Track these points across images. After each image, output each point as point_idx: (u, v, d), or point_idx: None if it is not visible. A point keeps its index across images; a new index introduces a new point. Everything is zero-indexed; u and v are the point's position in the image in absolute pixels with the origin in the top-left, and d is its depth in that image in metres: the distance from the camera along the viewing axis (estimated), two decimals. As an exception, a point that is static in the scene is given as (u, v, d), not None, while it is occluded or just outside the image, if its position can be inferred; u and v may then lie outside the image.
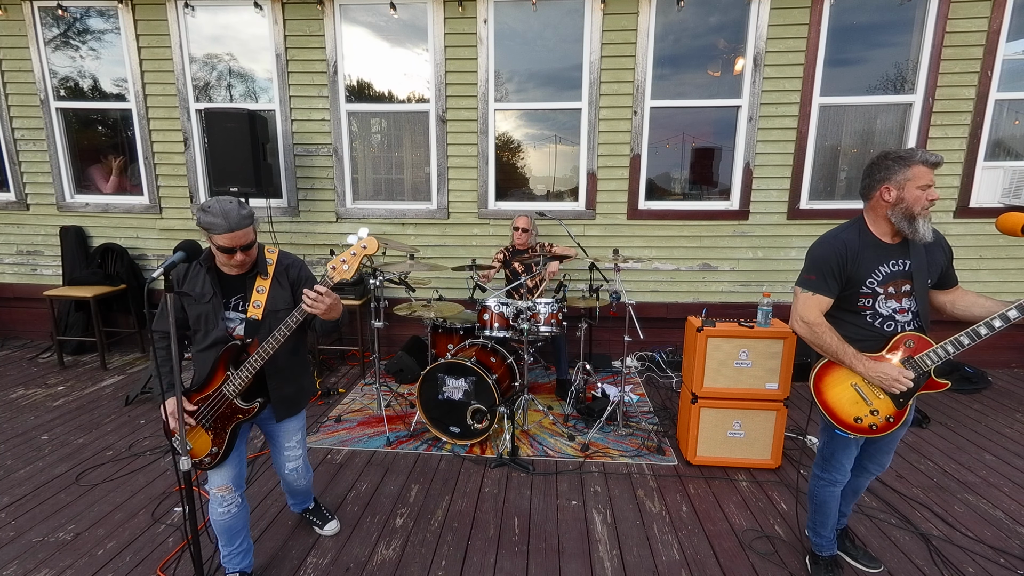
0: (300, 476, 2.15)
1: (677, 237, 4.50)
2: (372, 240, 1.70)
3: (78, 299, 4.54)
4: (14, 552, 2.23)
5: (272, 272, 1.87)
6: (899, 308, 1.82)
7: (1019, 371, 4.42)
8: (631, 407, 3.64)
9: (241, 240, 1.71)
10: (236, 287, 1.84)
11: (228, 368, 1.79)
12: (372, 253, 1.70)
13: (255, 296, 1.82)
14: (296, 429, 2.06)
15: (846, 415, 1.86)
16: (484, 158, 4.47)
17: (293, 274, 1.91)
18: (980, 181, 4.26)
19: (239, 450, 1.92)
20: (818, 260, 1.86)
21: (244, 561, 2.01)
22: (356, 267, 1.70)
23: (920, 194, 1.71)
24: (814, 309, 1.87)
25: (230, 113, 3.98)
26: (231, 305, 1.84)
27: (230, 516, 1.90)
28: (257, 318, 1.81)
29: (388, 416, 3.49)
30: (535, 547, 2.29)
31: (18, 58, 4.60)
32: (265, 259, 1.88)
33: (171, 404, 1.75)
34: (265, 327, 1.82)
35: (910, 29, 4.13)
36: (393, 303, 3.86)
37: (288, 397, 1.97)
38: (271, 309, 1.83)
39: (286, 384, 1.95)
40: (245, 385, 1.80)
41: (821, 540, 2.11)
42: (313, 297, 1.67)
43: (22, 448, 3.10)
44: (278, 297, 1.86)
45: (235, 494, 1.91)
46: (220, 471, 1.88)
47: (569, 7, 4.24)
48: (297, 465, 2.11)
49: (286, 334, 1.73)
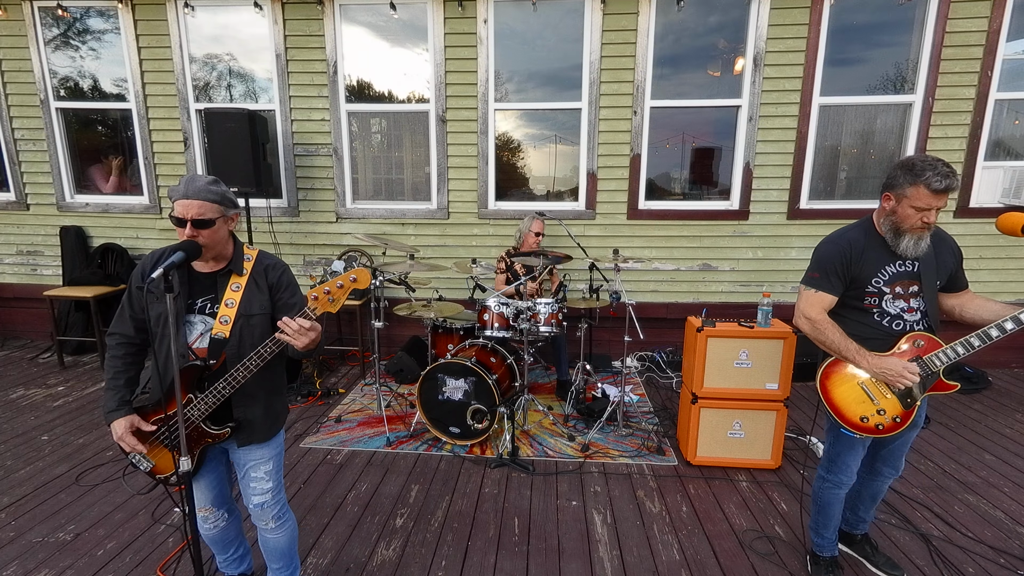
0: (268, 517, 1.76)
1: (677, 237, 4.50)
2: (364, 272, 1.52)
3: (78, 299, 4.54)
4: (14, 552, 2.23)
5: (249, 271, 1.65)
6: (907, 308, 1.81)
7: (1019, 371, 4.42)
8: (631, 407, 3.64)
9: (193, 211, 1.48)
10: (206, 286, 1.62)
11: (190, 390, 1.58)
12: (362, 288, 1.52)
13: (228, 295, 1.61)
14: (265, 458, 1.73)
15: (852, 414, 1.86)
16: (484, 158, 4.47)
17: (273, 277, 1.68)
18: (980, 181, 4.26)
19: (216, 471, 1.76)
20: (822, 258, 1.87)
21: (242, 566, 1.98)
22: (343, 301, 1.52)
23: (912, 213, 1.70)
24: (817, 306, 1.88)
25: (230, 113, 3.98)
26: (197, 307, 1.61)
27: (218, 531, 1.82)
28: (223, 335, 1.59)
29: (388, 416, 3.49)
30: (535, 547, 2.29)
31: (18, 58, 4.60)
32: (243, 255, 1.66)
33: (119, 426, 1.58)
34: (234, 339, 1.60)
35: (910, 29, 4.13)
36: (393, 303, 3.86)
37: (255, 420, 1.68)
38: (244, 312, 1.61)
39: (253, 404, 1.68)
40: (211, 410, 1.60)
41: (823, 541, 2.10)
42: (295, 329, 1.46)
43: (22, 448, 3.10)
44: (253, 299, 1.63)
45: (219, 512, 1.79)
46: (197, 492, 1.71)
47: (569, 7, 4.24)
48: (264, 501, 1.74)
49: (258, 364, 1.54)
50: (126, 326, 1.64)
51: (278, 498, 1.78)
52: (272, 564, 1.89)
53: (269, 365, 1.60)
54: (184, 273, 1.59)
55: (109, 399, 1.62)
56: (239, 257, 1.66)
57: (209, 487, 1.75)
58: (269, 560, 1.89)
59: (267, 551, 1.86)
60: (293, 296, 1.70)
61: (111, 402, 1.62)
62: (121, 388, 1.63)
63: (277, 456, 1.78)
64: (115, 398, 1.62)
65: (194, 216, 1.49)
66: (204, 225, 1.51)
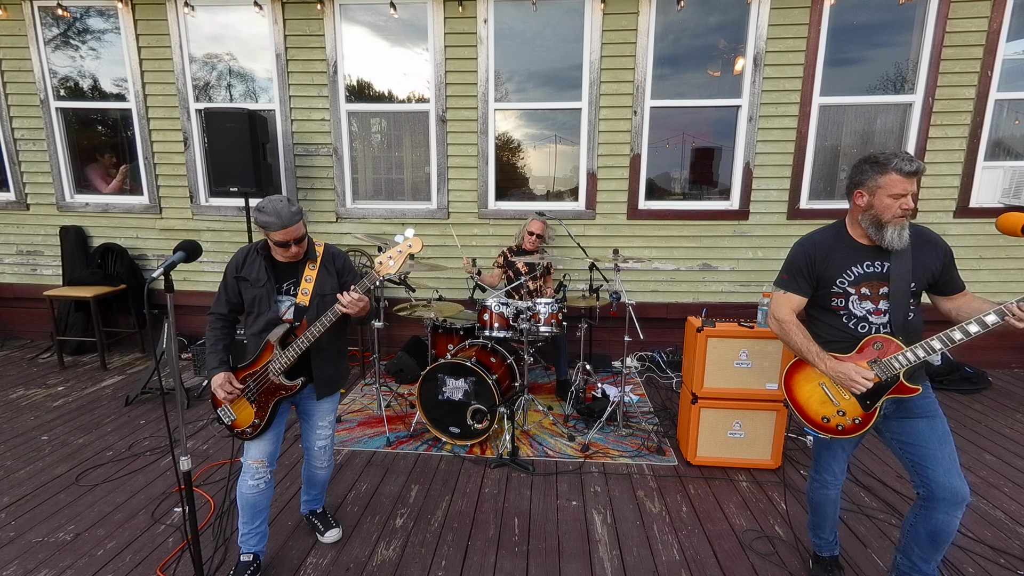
0: (325, 457, 2.23)
1: (677, 237, 4.50)
2: (417, 240, 1.87)
3: (78, 299, 4.54)
4: (14, 552, 2.23)
5: (320, 259, 2.06)
6: (874, 310, 1.78)
7: (1019, 371, 4.42)
8: (631, 407, 3.64)
9: (294, 234, 1.90)
10: (288, 273, 2.03)
11: (276, 348, 1.95)
12: (416, 252, 1.88)
13: (306, 273, 2.02)
14: (330, 410, 2.19)
15: (814, 414, 1.86)
16: (484, 158, 4.47)
17: (339, 263, 2.13)
18: (980, 181, 4.26)
19: (277, 428, 2.06)
20: (789, 260, 1.89)
21: (260, 544, 2.10)
22: (400, 264, 1.87)
23: (891, 202, 1.67)
24: (785, 307, 1.89)
25: (230, 113, 3.98)
26: (283, 290, 2.02)
27: (258, 492, 2.01)
28: (304, 304, 1.99)
29: (388, 416, 3.49)
30: (535, 547, 2.29)
31: (18, 58, 4.60)
32: (314, 246, 2.07)
33: (217, 379, 1.96)
34: (312, 310, 1.99)
35: (910, 29, 4.13)
36: (393, 303, 3.86)
37: (328, 377, 2.12)
38: (319, 292, 2.02)
39: (327, 364, 2.10)
40: (290, 364, 1.95)
41: (820, 541, 2.10)
42: (348, 300, 1.85)
43: (22, 448, 3.09)
44: (325, 282, 2.05)
45: (267, 469, 2.03)
46: (257, 444, 2.02)
47: (569, 7, 4.24)
48: (326, 444, 2.21)
49: (326, 325, 1.89)
50: (222, 307, 2.04)
51: (332, 442, 2.26)
52: (312, 492, 2.36)
53: (336, 332, 2.05)
54: (269, 264, 1.99)
55: (211, 360, 2.00)
56: (312, 248, 2.06)
57: (269, 440, 2.03)
58: (313, 489, 2.35)
59: (314, 483, 2.32)
60: (355, 278, 2.12)
61: (212, 361, 2.00)
62: (220, 352, 2.01)
63: (335, 410, 2.25)
64: (216, 359, 2.00)
65: (295, 237, 1.90)
66: (302, 240, 1.96)
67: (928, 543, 1.75)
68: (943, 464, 1.70)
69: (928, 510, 1.73)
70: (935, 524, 1.71)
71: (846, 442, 1.92)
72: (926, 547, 1.76)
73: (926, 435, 1.76)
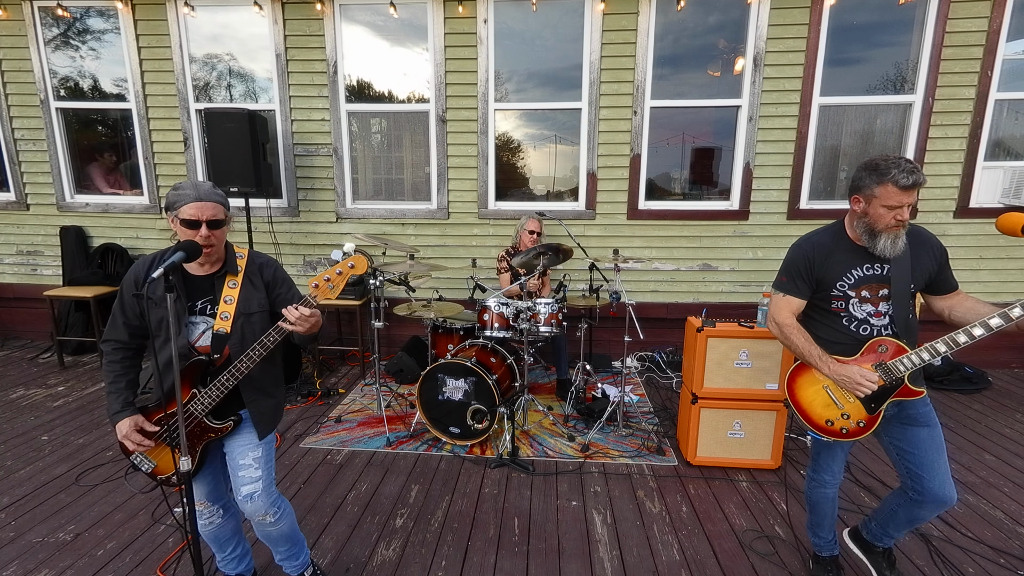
0: (262, 507, 1.71)
1: (677, 237, 4.50)
2: (361, 259, 1.57)
3: (78, 299, 4.54)
4: (14, 552, 2.23)
5: (244, 269, 1.69)
6: (875, 312, 1.78)
7: (1019, 371, 4.42)
8: (631, 407, 3.64)
9: (209, 212, 1.54)
10: (204, 289, 1.65)
11: (194, 386, 1.62)
12: (360, 273, 1.57)
13: (226, 292, 1.65)
14: (253, 444, 1.73)
15: (817, 417, 1.85)
16: (484, 158, 4.47)
17: (268, 274, 1.74)
18: (980, 181, 4.26)
19: (212, 466, 1.78)
20: (788, 262, 1.88)
21: (240, 566, 1.97)
22: (342, 287, 1.57)
23: (885, 213, 1.66)
24: (784, 310, 1.88)
25: (230, 113, 3.98)
26: (197, 308, 1.65)
27: (215, 527, 1.83)
28: (225, 330, 1.63)
29: (388, 416, 3.49)
30: (535, 547, 2.30)
31: (18, 58, 4.60)
32: (235, 255, 1.71)
33: (123, 426, 1.62)
34: (236, 335, 1.65)
35: (910, 29, 4.13)
36: (393, 303, 3.85)
37: (268, 411, 1.77)
38: (243, 311, 1.66)
39: (263, 397, 1.74)
40: (216, 402, 1.63)
41: (820, 541, 2.11)
42: (297, 316, 1.52)
43: (22, 448, 3.10)
44: (251, 298, 1.69)
45: (214, 507, 1.81)
46: (196, 487, 1.74)
47: (569, 7, 4.24)
48: (255, 491, 1.70)
49: (261, 353, 1.57)
50: (120, 332, 1.67)
51: (269, 491, 1.75)
52: (278, 548, 1.90)
53: (270, 359, 1.65)
54: (180, 278, 1.62)
55: (112, 402, 1.65)
56: (232, 257, 1.70)
57: (205, 481, 1.77)
58: (274, 547, 1.90)
59: (270, 540, 1.86)
60: (289, 291, 1.77)
61: (115, 404, 1.65)
62: (123, 390, 1.66)
63: (267, 445, 1.77)
64: (119, 400, 1.65)
65: (209, 217, 1.55)
66: (218, 225, 1.58)
67: (906, 525, 1.92)
68: (939, 474, 1.77)
69: (915, 505, 1.84)
70: (918, 516, 1.86)
71: (845, 443, 1.92)
72: (903, 527, 1.93)
73: (926, 444, 1.79)
